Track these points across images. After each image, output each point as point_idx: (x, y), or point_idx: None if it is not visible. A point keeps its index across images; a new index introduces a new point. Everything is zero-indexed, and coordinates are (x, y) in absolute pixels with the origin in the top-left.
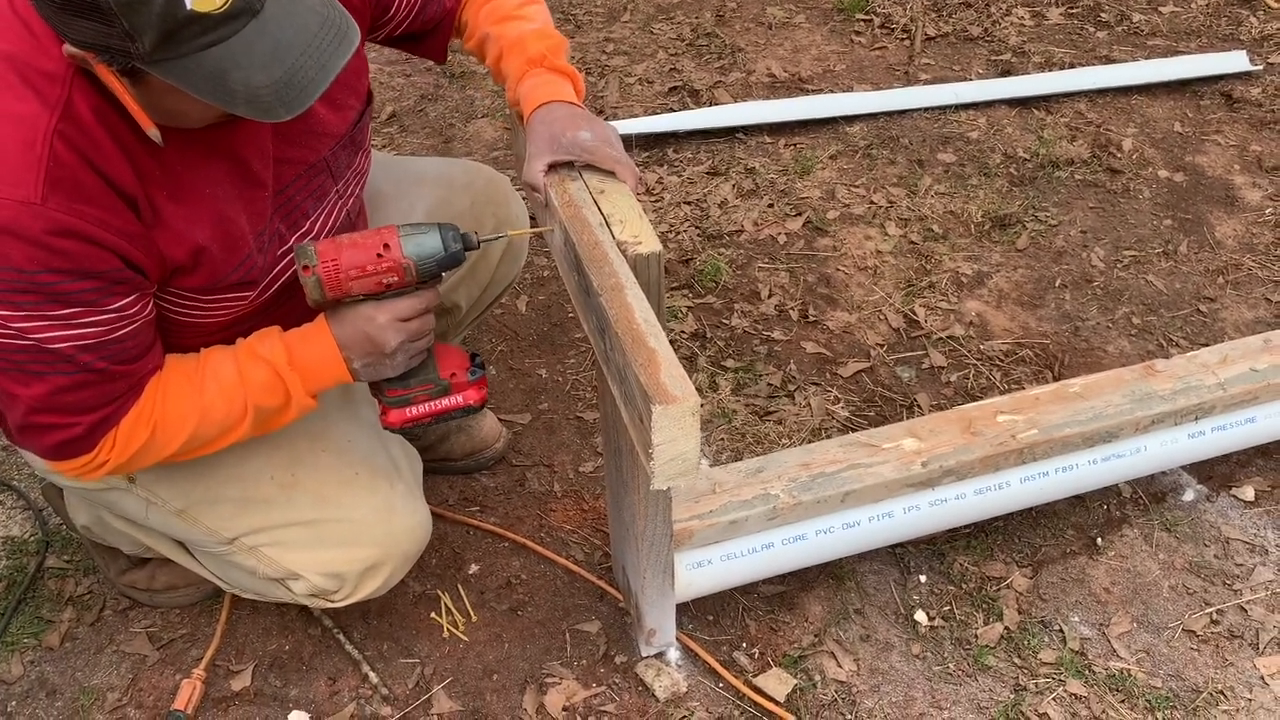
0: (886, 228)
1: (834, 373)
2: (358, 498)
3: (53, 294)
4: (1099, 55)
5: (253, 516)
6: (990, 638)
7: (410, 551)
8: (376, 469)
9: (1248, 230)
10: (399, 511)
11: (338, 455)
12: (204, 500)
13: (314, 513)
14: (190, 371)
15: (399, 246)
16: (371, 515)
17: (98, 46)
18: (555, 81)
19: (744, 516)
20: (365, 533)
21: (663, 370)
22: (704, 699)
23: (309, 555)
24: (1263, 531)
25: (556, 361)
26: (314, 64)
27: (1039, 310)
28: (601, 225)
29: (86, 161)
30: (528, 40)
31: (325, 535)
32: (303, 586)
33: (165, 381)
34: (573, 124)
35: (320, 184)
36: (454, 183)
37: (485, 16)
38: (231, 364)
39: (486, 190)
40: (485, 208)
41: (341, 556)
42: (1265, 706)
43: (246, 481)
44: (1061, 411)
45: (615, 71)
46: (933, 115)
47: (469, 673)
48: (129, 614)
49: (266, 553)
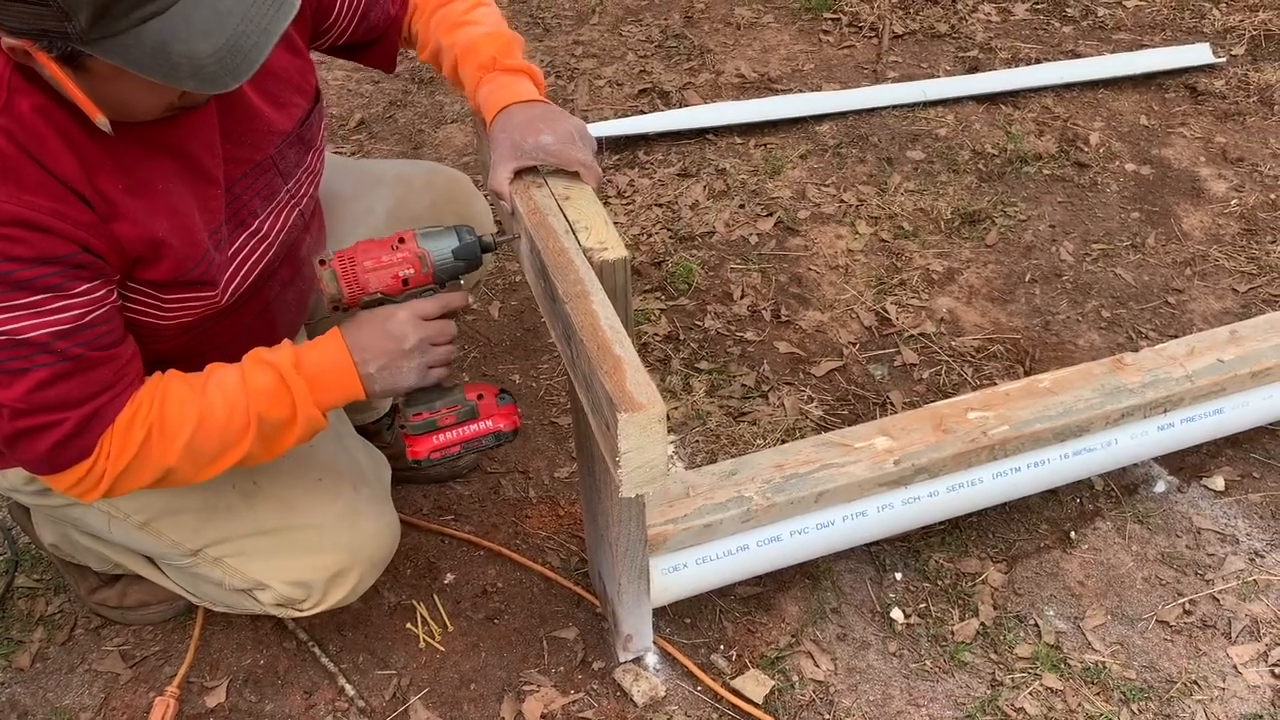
0: (857, 226)
1: (807, 372)
2: (321, 503)
3: (15, 283)
4: (1065, 50)
5: (216, 526)
6: (966, 634)
7: (377, 558)
8: (340, 474)
9: (1214, 221)
10: (364, 515)
11: (300, 461)
12: (166, 511)
13: (277, 520)
14: (192, 377)
15: (415, 240)
16: (335, 521)
17: (34, 32)
18: (511, 83)
19: (718, 519)
20: (330, 539)
21: (628, 378)
22: (682, 702)
23: (274, 564)
24: (1233, 521)
25: (530, 367)
26: (255, 28)
27: (1009, 305)
28: (567, 232)
29: (29, 156)
30: (479, 45)
31: (289, 543)
32: (269, 596)
33: (164, 383)
34: (532, 128)
35: (268, 183)
36: (413, 183)
37: (436, 27)
38: (236, 370)
39: (447, 190)
40: (446, 207)
41: (307, 564)
42: (1238, 695)
43: (208, 490)
44: (1032, 407)
45: (585, 74)
46: (901, 113)
47: (446, 682)
48: (101, 632)
49: (231, 563)
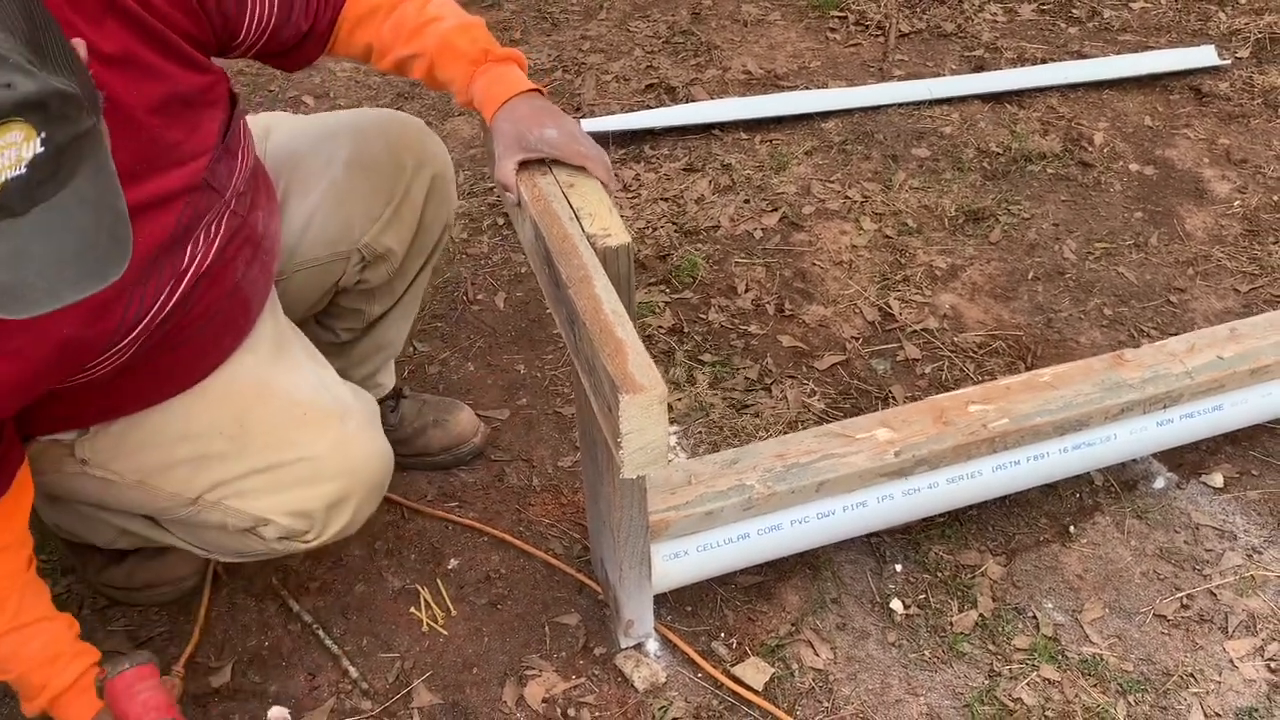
0: (861, 222)
1: (810, 366)
2: (311, 437)
3: None
4: (1070, 51)
5: (211, 473)
6: (965, 625)
7: (373, 481)
8: (325, 409)
9: (1217, 222)
10: (355, 442)
11: (283, 401)
12: (158, 467)
13: (270, 457)
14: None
15: None
16: (327, 450)
17: None
18: (505, 74)
19: (720, 507)
20: (324, 468)
21: (630, 360)
22: (683, 689)
23: (273, 499)
24: (1231, 517)
25: (535, 357)
26: (44, 287)
27: (1012, 302)
28: (571, 219)
29: None
30: (454, 41)
31: (285, 478)
32: (273, 531)
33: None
34: (537, 121)
35: (207, 200)
36: (367, 131)
37: (393, 36)
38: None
39: (401, 134)
40: (402, 151)
41: (305, 495)
42: (1234, 689)
43: (196, 440)
44: (1032, 401)
45: (592, 69)
46: (907, 111)
47: (449, 666)
48: (107, 612)
49: (231, 504)
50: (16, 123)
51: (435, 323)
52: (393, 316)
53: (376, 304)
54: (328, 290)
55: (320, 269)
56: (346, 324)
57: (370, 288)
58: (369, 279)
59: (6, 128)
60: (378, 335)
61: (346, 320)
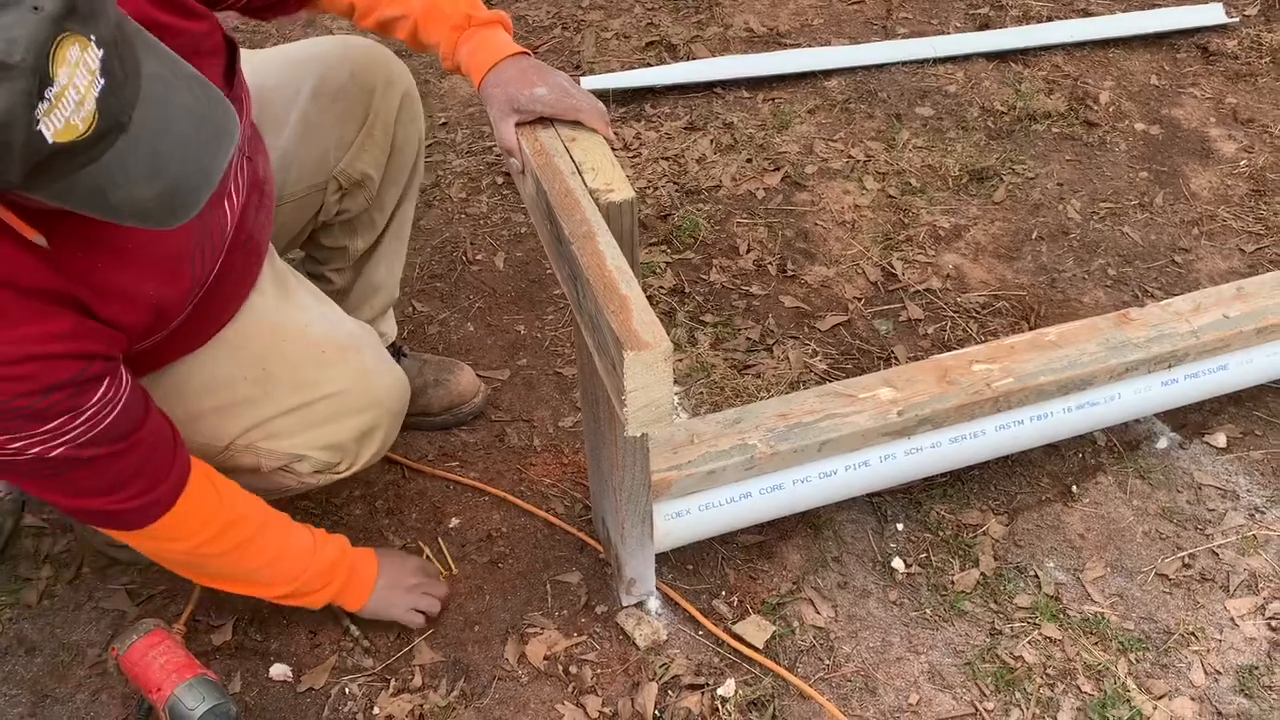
0: (864, 182)
1: (812, 326)
2: (333, 373)
3: (31, 414)
4: (1076, 8)
5: (239, 418)
6: (966, 584)
7: (396, 409)
8: (341, 344)
9: (1222, 182)
10: (374, 373)
11: (299, 342)
12: (185, 420)
13: (296, 398)
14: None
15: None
16: (351, 384)
17: None
18: (491, 37)
19: (722, 466)
20: (351, 402)
21: (635, 317)
22: (684, 646)
23: (304, 437)
24: (1234, 478)
25: (535, 318)
26: (195, 169)
27: (1015, 262)
28: (573, 173)
29: (3, 285)
30: (439, 3)
31: (313, 416)
32: (307, 465)
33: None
34: (526, 81)
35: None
36: (329, 58)
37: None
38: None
39: (365, 58)
40: (367, 75)
41: (336, 429)
42: (1235, 647)
43: (219, 390)
44: (1036, 360)
45: (591, 26)
46: (911, 69)
47: (450, 624)
48: (107, 571)
49: (263, 446)
50: (68, 38)
51: (434, 283)
52: (380, 254)
53: (359, 238)
54: (308, 223)
55: (300, 201)
56: (334, 265)
57: (350, 218)
58: (348, 208)
59: (63, 46)
60: (369, 276)
61: (334, 261)
